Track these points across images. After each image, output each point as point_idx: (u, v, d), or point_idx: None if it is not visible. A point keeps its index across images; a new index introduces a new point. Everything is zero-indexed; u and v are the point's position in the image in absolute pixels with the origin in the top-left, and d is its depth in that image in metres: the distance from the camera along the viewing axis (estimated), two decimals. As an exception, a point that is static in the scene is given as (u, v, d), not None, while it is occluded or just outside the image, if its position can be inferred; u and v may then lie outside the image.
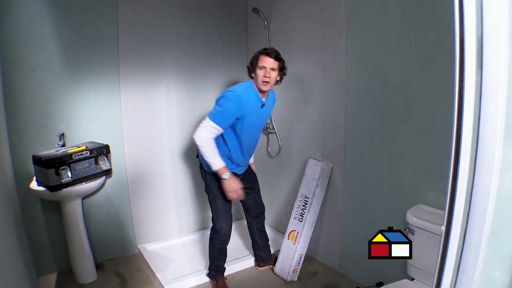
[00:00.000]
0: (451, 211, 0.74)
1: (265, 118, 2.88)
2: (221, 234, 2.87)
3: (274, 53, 2.61)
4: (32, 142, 3.00)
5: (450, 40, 2.11)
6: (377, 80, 2.60)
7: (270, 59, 2.59)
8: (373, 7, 2.56)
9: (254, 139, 2.86)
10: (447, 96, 2.16)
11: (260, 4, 3.61)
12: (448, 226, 0.75)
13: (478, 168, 0.73)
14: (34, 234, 3.11)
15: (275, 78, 2.64)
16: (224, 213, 2.85)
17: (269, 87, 2.65)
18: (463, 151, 0.73)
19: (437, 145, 2.27)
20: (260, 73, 2.60)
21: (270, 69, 2.59)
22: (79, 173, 2.85)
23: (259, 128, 2.86)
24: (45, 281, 3.12)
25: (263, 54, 2.62)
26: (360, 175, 2.85)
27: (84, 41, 3.08)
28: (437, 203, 2.31)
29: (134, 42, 3.30)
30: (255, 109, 2.68)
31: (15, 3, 2.81)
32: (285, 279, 3.08)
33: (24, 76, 2.91)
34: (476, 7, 0.68)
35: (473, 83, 0.69)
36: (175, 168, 3.74)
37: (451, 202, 0.75)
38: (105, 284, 3.10)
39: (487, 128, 0.71)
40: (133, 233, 3.59)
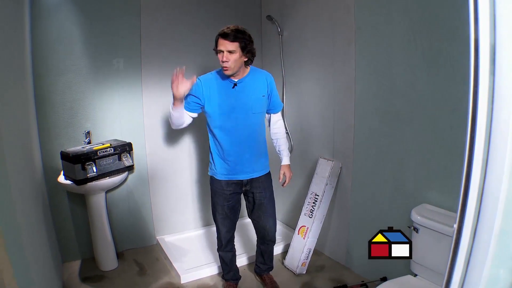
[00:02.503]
0: (463, 209, 0.73)
1: (247, 98, 2.42)
2: (219, 239, 2.73)
3: (230, 34, 2.22)
4: (60, 139, 3.04)
5: (454, 47, 2.10)
6: (384, 85, 2.59)
7: (225, 41, 2.22)
8: (381, 16, 2.55)
9: (242, 125, 2.44)
10: (451, 100, 2.15)
11: (274, 12, 3.60)
12: (460, 223, 0.74)
13: (489, 169, 0.72)
14: (61, 224, 3.15)
15: (235, 60, 2.26)
16: (220, 222, 2.64)
17: (230, 72, 2.30)
18: (476, 152, 0.72)
19: (441, 147, 2.25)
20: (219, 57, 2.28)
21: (227, 52, 2.24)
22: (104, 169, 2.87)
23: (243, 111, 2.42)
24: (69, 267, 3.17)
25: (219, 36, 2.26)
26: (367, 175, 2.84)
27: (109, 47, 3.11)
28: (440, 202, 2.28)
29: (155, 48, 3.32)
30: (224, 89, 2.39)
31: (45, 12, 2.85)
32: (294, 271, 3.08)
33: (54, 78, 2.95)
34: (490, 17, 0.68)
35: (486, 88, 0.68)
36: (192, 165, 3.75)
37: (464, 201, 0.74)
38: (125, 271, 3.13)
39: (498, 131, 0.70)
40: (152, 225, 3.61)
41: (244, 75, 2.43)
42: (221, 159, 2.51)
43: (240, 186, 2.57)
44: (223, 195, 2.56)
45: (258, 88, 2.47)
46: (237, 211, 2.67)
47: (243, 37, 2.26)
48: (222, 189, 2.55)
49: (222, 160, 2.50)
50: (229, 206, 2.59)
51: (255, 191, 2.59)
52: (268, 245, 2.82)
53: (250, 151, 2.50)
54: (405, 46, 2.39)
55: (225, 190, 2.54)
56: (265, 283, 2.92)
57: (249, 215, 2.74)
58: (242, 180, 2.54)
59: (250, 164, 2.52)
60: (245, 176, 2.53)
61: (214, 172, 2.57)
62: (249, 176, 2.54)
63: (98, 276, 3.04)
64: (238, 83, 2.41)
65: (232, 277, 2.84)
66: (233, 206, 2.61)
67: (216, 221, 2.66)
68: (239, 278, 2.90)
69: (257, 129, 2.51)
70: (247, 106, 2.42)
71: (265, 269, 2.94)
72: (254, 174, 2.56)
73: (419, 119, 2.37)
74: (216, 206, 2.62)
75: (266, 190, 2.63)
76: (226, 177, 2.52)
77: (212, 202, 2.65)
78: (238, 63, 2.30)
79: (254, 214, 2.68)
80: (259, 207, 2.64)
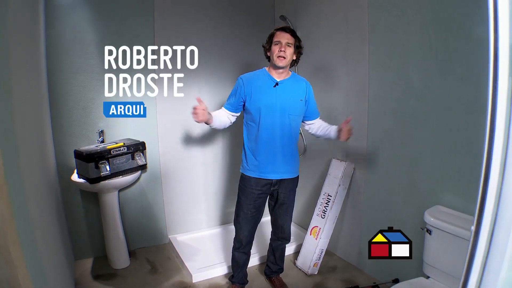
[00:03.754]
0: (481, 211, 0.73)
1: (286, 99, 2.47)
2: (238, 239, 2.71)
3: (289, 29, 2.43)
4: (74, 138, 3.07)
5: (468, 47, 2.09)
6: (398, 86, 2.58)
7: (286, 34, 2.40)
8: (395, 16, 2.54)
9: (277, 125, 2.46)
10: (465, 101, 2.14)
11: (287, 12, 3.60)
12: (477, 225, 0.74)
13: (507, 172, 0.72)
14: (73, 222, 3.19)
15: (290, 54, 2.42)
16: (243, 221, 2.63)
17: (284, 62, 2.40)
18: (494, 154, 0.72)
19: (454, 148, 2.24)
20: (275, 48, 2.40)
21: (286, 44, 2.39)
22: (117, 167, 2.90)
23: (281, 111, 2.45)
24: (82, 265, 3.19)
25: (279, 30, 2.43)
26: (380, 176, 2.83)
27: (122, 47, 3.12)
28: (454, 204, 2.27)
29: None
30: (265, 87, 2.47)
31: (59, 12, 2.88)
32: (306, 272, 3.08)
33: (68, 78, 2.98)
34: (509, 19, 0.67)
35: (505, 91, 0.68)
36: (205, 164, 3.76)
37: (482, 203, 0.74)
38: (137, 270, 3.15)
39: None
40: (164, 224, 3.63)
41: (286, 77, 2.51)
42: (253, 156, 2.54)
43: (269, 187, 2.57)
44: (251, 194, 2.56)
45: (297, 92, 2.52)
46: (261, 212, 2.69)
47: (298, 37, 2.47)
48: (251, 188, 2.56)
49: (254, 157, 2.53)
50: (255, 206, 2.60)
51: (281, 191, 2.61)
52: (282, 243, 2.84)
53: (283, 152, 2.52)
54: (419, 46, 2.38)
55: (254, 189, 2.55)
56: (274, 285, 2.92)
57: (270, 212, 2.79)
58: (271, 179, 2.55)
59: (281, 164, 2.54)
60: (275, 176, 2.54)
61: (244, 169, 2.59)
62: (280, 176, 2.55)
63: (110, 274, 3.07)
64: (280, 83, 2.48)
65: (240, 280, 2.83)
66: (258, 207, 2.62)
67: (238, 220, 2.66)
68: (246, 282, 2.88)
69: (292, 131, 2.53)
70: (285, 106, 2.47)
71: (275, 270, 2.95)
72: (285, 175, 2.57)
73: (433, 120, 2.36)
74: (241, 205, 2.62)
75: (291, 192, 2.66)
76: (257, 175, 2.54)
77: (238, 200, 2.66)
78: (290, 57, 2.43)
79: (275, 211, 2.73)
80: (281, 207, 2.68)
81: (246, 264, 2.82)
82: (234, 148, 3.82)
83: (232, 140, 3.81)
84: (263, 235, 3.66)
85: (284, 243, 2.86)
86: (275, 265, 2.93)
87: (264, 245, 3.34)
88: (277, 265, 2.93)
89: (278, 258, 2.91)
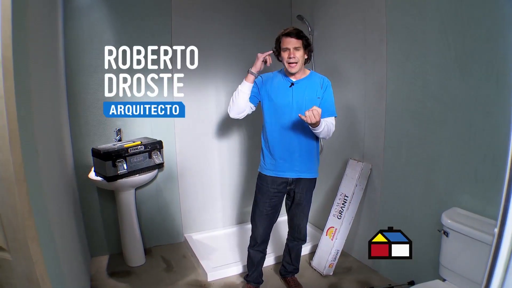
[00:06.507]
0: (505, 213, 0.72)
1: (302, 99, 2.47)
2: (253, 237, 2.72)
3: (294, 32, 2.39)
4: (91, 137, 3.11)
5: (487, 47, 2.05)
6: (416, 86, 2.55)
7: (292, 39, 2.37)
8: (413, 15, 2.51)
9: (294, 124, 2.46)
10: (484, 102, 2.11)
11: (304, 12, 3.59)
12: (501, 228, 0.72)
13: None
14: (90, 220, 3.22)
15: (301, 57, 2.41)
16: (259, 219, 2.65)
17: (297, 68, 2.41)
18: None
19: (473, 150, 2.20)
20: (285, 55, 2.41)
21: (294, 49, 2.37)
22: (134, 166, 2.92)
23: (297, 110, 2.42)
24: (98, 261, 3.23)
25: (284, 36, 2.41)
26: (397, 177, 2.80)
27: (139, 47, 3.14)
28: (472, 206, 2.23)
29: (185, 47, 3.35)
30: (281, 87, 2.49)
31: (77, 12, 2.92)
32: (321, 272, 3.06)
33: (85, 77, 3.01)
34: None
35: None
36: (221, 163, 3.77)
37: (506, 205, 0.72)
38: (152, 267, 3.17)
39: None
40: (180, 223, 3.65)
41: (303, 77, 2.52)
42: (270, 154, 2.55)
43: (285, 185, 2.57)
44: (268, 192, 2.57)
45: (313, 90, 2.51)
46: (278, 211, 2.69)
47: (304, 35, 2.43)
48: (267, 186, 2.57)
49: (271, 155, 2.55)
50: (271, 205, 2.60)
51: (297, 191, 2.61)
52: (298, 243, 2.84)
53: (300, 151, 2.52)
54: (438, 46, 2.35)
55: (270, 188, 2.56)
56: (289, 285, 2.91)
57: (287, 211, 2.76)
58: (288, 178, 2.55)
59: (298, 163, 2.53)
60: (292, 174, 2.54)
61: (262, 168, 2.61)
62: (297, 175, 2.55)
63: (126, 271, 3.09)
64: (296, 83, 2.49)
65: (255, 279, 2.82)
66: (275, 205, 2.63)
67: (255, 218, 2.67)
68: (261, 282, 2.88)
69: (309, 130, 2.47)
70: (301, 105, 2.45)
71: (290, 270, 2.94)
72: (302, 175, 2.56)
73: (452, 121, 2.32)
74: (258, 203, 2.64)
75: (308, 193, 2.65)
76: (273, 173, 2.55)
77: (255, 199, 2.68)
78: (301, 60, 2.42)
79: (291, 211, 2.72)
80: (297, 207, 2.67)
81: (261, 263, 2.82)
82: (251, 148, 3.82)
83: (248, 140, 3.81)
84: (279, 235, 3.64)
85: (300, 243, 2.85)
86: (290, 265, 2.92)
87: (280, 245, 3.32)
88: (293, 265, 2.92)
89: (293, 259, 2.90)
